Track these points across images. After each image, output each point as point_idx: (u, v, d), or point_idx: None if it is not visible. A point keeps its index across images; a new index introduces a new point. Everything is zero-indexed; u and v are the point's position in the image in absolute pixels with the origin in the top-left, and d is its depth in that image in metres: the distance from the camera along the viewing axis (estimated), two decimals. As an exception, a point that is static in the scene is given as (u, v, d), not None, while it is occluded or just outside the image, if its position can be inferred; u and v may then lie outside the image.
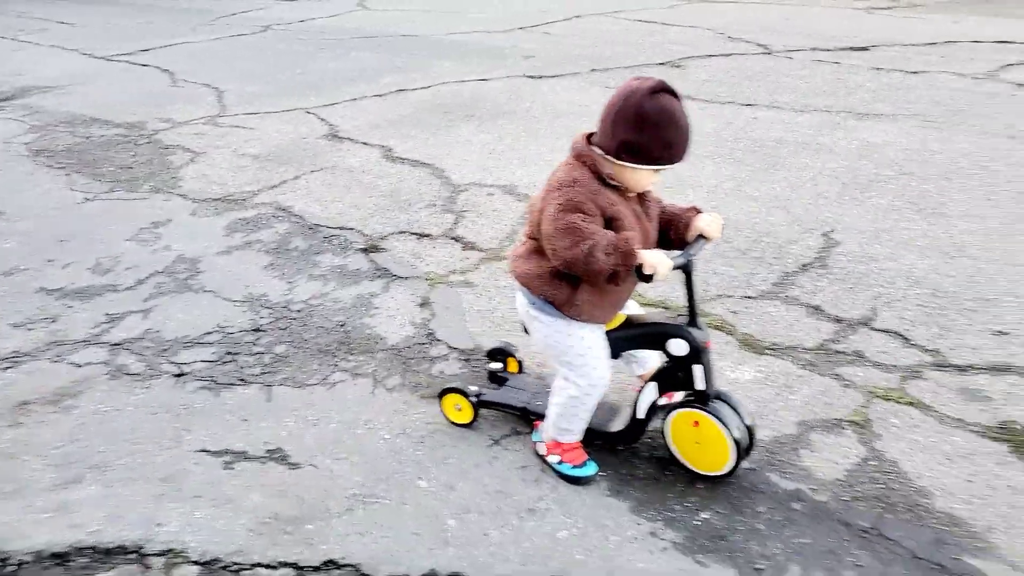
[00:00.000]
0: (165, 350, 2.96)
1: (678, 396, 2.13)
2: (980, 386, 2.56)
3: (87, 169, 5.01)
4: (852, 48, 7.54)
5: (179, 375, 2.80)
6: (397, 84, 6.87)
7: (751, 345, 2.84)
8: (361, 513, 2.13)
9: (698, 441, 2.11)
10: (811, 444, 2.34)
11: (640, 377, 2.39)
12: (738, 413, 2.09)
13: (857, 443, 2.34)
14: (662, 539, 2.02)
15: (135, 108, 6.43)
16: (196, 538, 2.05)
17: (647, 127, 1.82)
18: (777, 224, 3.77)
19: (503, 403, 2.41)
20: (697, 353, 2.03)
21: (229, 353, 2.93)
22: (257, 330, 3.08)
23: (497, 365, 2.60)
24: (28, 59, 8.75)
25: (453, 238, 3.81)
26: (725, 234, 3.61)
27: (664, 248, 2.08)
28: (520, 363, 2.63)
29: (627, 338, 2.15)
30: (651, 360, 2.37)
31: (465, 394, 2.39)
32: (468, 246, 3.72)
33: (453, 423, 2.45)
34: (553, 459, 2.23)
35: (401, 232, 3.90)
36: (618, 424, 2.26)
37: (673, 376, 2.10)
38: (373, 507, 2.15)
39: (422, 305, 3.23)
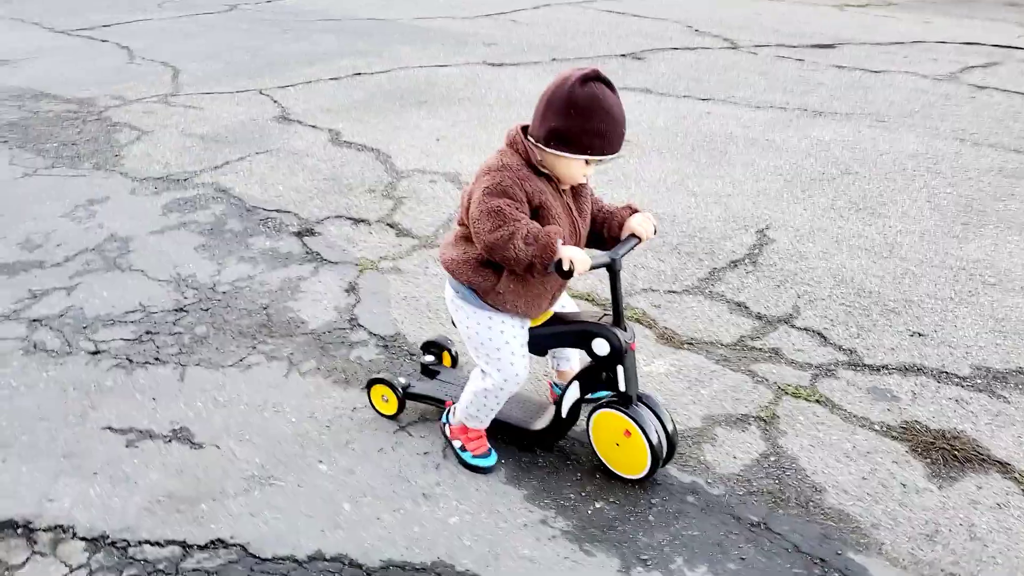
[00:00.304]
0: (85, 327, 2.92)
1: (601, 396, 2.12)
2: (889, 386, 2.59)
3: (30, 144, 4.92)
4: (818, 45, 7.60)
5: (95, 352, 2.76)
6: (355, 68, 6.82)
7: (669, 339, 2.86)
8: (257, 494, 2.12)
9: (617, 443, 2.09)
10: (714, 439, 2.36)
11: (561, 374, 2.41)
12: (659, 418, 2.06)
13: (760, 439, 2.36)
14: (552, 527, 2.03)
15: (88, 84, 6.31)
16: (87, 515, 2.03)
17: (577, 115, 1.79)
18: (714, 220, 3.80)
19: (430, 396, 2.38)
20: (620, 354, 1.99)
21: (148, 332, 2.90)
22: (180, 310, 3.05)
23: (430, 358, 2.56)
24: (-16, 31, 8.56)
25: (389, 224, 3.80)
26: (660, 229, 3.65)
27: (597, 246, 2.07)
28: (454, 357, 2.58)
29: (551, 335, 2.12)
30: (574, 358, 2.37)
31: (392, 386, 2.36)
32: (403, 233, 3.71)
33: (380, 413, 2.43)
34: (456, 443, 2.23)
35: (338, 216, 3.88)
36: (541, 422, 2.23)
37: (596, 376, 2.08)
38: (269, 489, 2.14)
39: (348, 290, 3.21)
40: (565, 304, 2.23)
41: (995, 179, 4.20)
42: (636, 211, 2.05)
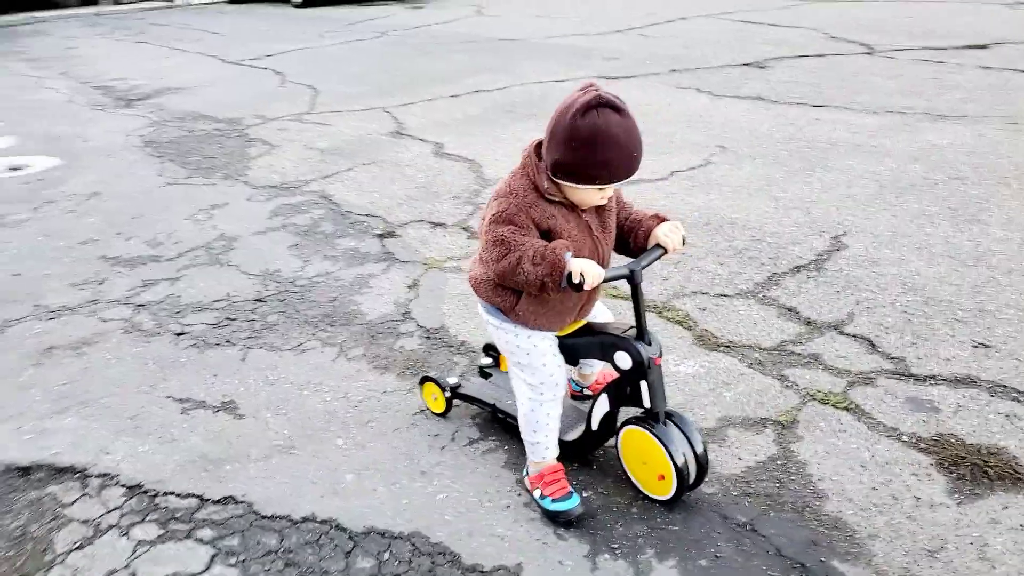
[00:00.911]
0: (177, 312, 3.31)
1: (633, 412, 2.04)
2: (932, 397, 2.41)
3: (179, 158, 5.59)
4: (970, 46, 7.06)
5: (179, 334, 3.13)
6: (477, 85, 7.12)
7: (705, 341, 2.80)
8: (274, 461, 2.33)
9: (645, 461, 2.02)
10: (724, 439, 2.30)
11: (583, 376, 2.43)
12: (689, 438, 1.96)
13: (772, 442, 2.28)
14: (533, 511, 2.08)
15: (241, 106, 7.07)
16: (132, 467, 2.33)
17: (580, 148, 1.72)
18: (789, 225, 3.65)
19: (476, 397, 2.39)
20: (643, 369, 1.92)
21: (228, 319, 3.24)
22: (259, 300, 3.38)
23: (488, 360, 2.56)
24: (173, 65, 9.76)
25: (463, 228, 3.98)
26: (727, 233, 3.59)
27: (626, 255, 2.01)
28: None
29: (578, 346, 2.07)
30: (596, 364, 2.36)
31: (440, 385, 2.42)
32: (474, 235, 3.87)
33: (430, 411, 2.50)
34: (536, 493, 2.09)
35: (419, 221, 4.11)
36: (574, 433, 2.18)
37: (622, 390, 2.01)
38: (287, 457, 2.35)
39: (410, 287, 3.41)
40: (598, 314, 2.17)
41: None
42: (664, 220, 1.96)
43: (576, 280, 1.74)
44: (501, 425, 2.40)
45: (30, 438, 2.51)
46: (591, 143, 1.71)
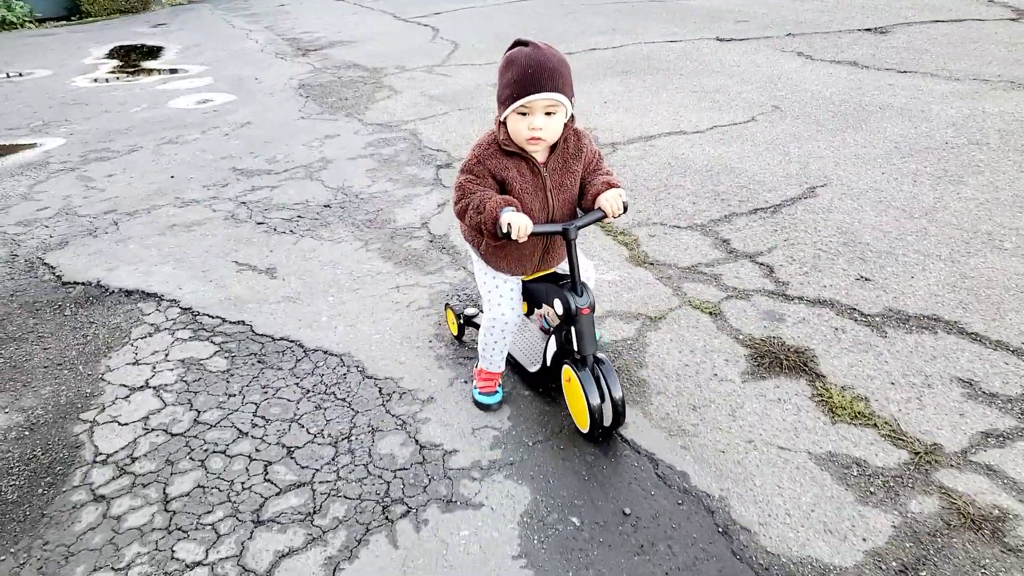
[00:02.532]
0: (266, 209, 4.35)
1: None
2: (787, 312, 2.83)
3: (320, 99, 6.74)
4: None
5: (260, 223, 4.16)
6: (594, 44, 7.67)
7: (636, 260, 3.35)
8: (281, 305, 3.25)
9: (574, 396, 2.23)
10: (601, 323, 2.89)
11: (549, 313, 2.77)
12: (607, 382, 2.12)
13: (635, 329, 2.83)
14: (432, 350, 2.83)
15: (389, 57, 8.14)
16: (191, 298, 3.35)
17: (499, 77, 2.00)
18: (779, 176, 4.00)
19: (478, 324, 2.66)
20: (571, 316, 2.11)
21: (298, 216, 4.23)
22: (326, 206, 4.33)
23: (474, 311, 2.79)
24: (354, 21, 11.12)
25: (505, 162, 4.69)
26: (718, 179, 4.03)
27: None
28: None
29: (535, 291, 2.31)
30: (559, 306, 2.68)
31: (455, 312, 2.82)
32: (510, 168, 4.57)
33: (450, 332, 2.92)
34: (473, 383, 2.53)
35: (475, 155, 4.87)
36: (535, 367, 2.46)
37: (561, 333, 2.24)
38: (290, 304, 3.26)
39: (439, 205, 4.20)
40: (588, 268, 2.33)
41: None
42: (613, 186, 2.12)
43: (505, 231, 1.96)
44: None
45: (139, 275, 3.63)
46: (503, 70, 1.98)
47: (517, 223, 1.96)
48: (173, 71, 8.84)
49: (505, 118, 2.02)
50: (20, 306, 3.43)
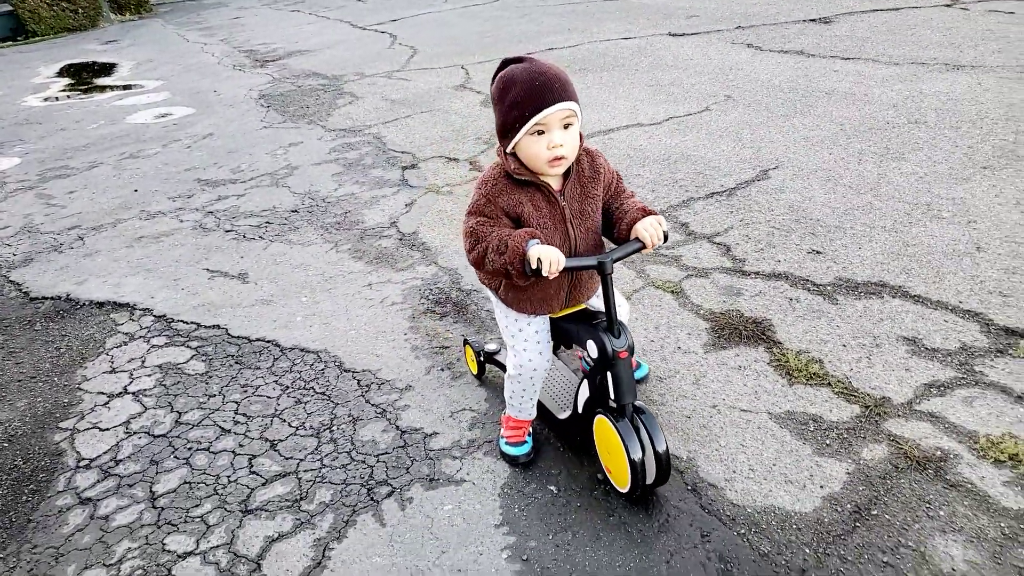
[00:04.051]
0: (233, 217, 4.40)
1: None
2: (744, 286, 2.96)
3: (281, 108, 6.78)
4: (1057, -1, 6.82)
5: (228, 231, 4.21)
6: (551, 44, 7.81)
7: (599, 244, 3.46)
8: (256, 308, 3.31)
9: (609, 451, 2.00)
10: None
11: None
12: (650, 435, 1.89)
13: (602, 311, 2.95)
14: (408, 343, 2.91)
15: (348, 65, 8.19)
16: (163, 306, 3.40)
17: (498, 103, 1.79)
18: (734, 161, 4.16)
19: (502, 363, 2.44)
20: (607, 360, 1.89)
21: (267, 222, 4.28)
22: (293, 211, 4.39)
23: (493, 347, 2.56)
24: (311, 31, 11.15)
25: (470, 162, 4.79)
26: (675, 167, 4.17)
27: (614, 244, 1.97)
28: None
29: (564, 330, 2.06)
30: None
31: (475, 350, 2.57)
32: (476, 168, 4.68)
33: (470, 371, 2.67)
34: (500, 431, 2.30)
35: (440, 157, 4.97)
36: (565, 413, 2.22)
37: (594, 378, 1.99)
38: (263, 307, 3.32)
39: (407, 205, 4.29)
40: (622, 304, 2.12)
41: (1074, 125, 3.88)
42: (650, 213, 1.90)
43: (535, 266, 1.74)
44: (439, 305, 3.23)
45: (109, 287, 3.65)
46: (502, 93, 1.77)
47: (548, 257, 1.73)
48: (128, 87, 8.80)
49: (514, 147, 1.80)
50: (-9, 323, 3.44)
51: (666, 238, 1.86)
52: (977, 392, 2.24)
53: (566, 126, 1.77)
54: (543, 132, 1.76)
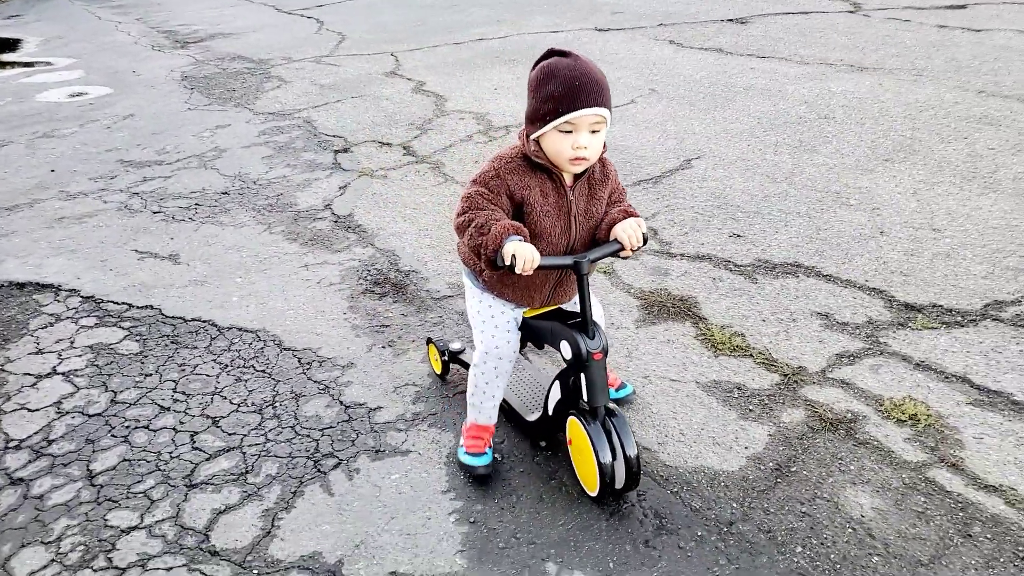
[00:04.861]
0: (161, 199, 4.30)
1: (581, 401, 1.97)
2: (671, 267, 3.12)
3: (206, 90, 6.62)
4: (950, 7, 7.30)
5: (156, 212, 4.12)
6: (481, 35, 7.87)
7: (533, 227, 3.57)
8: (188, 288, 3.27)
9: (580, 452, 1.98)
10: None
11: None
12: (620, 437, 1.87)
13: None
14: (348, 321, 2.95)
15: (274, 49, 8.05)
16: (91, 287, 3.31)
17: (534, 91, 1.80)
18: (659, 151, 4.33)
19: (466, 362, 2.42)
20: (581, 361, 1.87)
21: (196, 204, 4.21)
22: (224, 193, 4.33)
23: (458, 345, 2.52)
24: (233, 14, 10.85)
25: (403, 147, 4.82)
26: (617, 160, 4.28)
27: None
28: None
29: (537, 329, 2.05)
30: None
31: (439, 349, 2.52)
32: (408, 153, 4.71)
33: (433, 371, 2.61)
34: (460, 440, 2.22)
35: (373, 141, 4.97)
36: (534, 415, 2.19)
37: (567, 379, 1.98)
38: (198, 287, 3.29)
39: (341, 188, 4.29)
40: (596, 306, 2.08)
41: (961, 124, 4.22)
42: (631, 215, 1.91)
43: (508, 262, 1.73)
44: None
45: (30, 268, 3.54)
46: (541, 83, 1.78)
47: (523, 254, 1.73)
48: (35, 64, 8.39)
49: (539, 136, 1.82)
50: (-98, 305, 3.29)
51: (646, 240, 1.87)
52: (882, 361, 2.46)
53: (594, 131, 1.79)
54: (571, 131, 1.77)
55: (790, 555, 1.83)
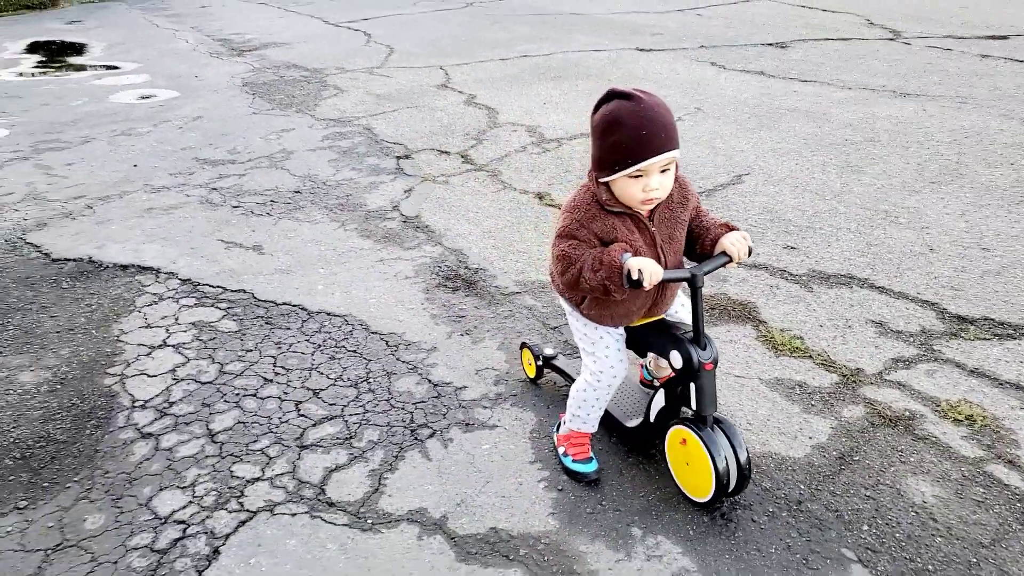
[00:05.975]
0: (238, 195, 4.57)
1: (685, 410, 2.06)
2: (729, 274, 3.33)
3: (267, 96, 6.93)
4: (992, 37, 7.50)
5: (235, 207, 4.39)
6: (526, 52, 8.14)
7: (595, 233, 3.79)
8: (276, 276, 3.52)
9: (688, 462, 2.03)
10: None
11: (657, 366, 2.41)
12: (732, 444, 1.97)
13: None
14: (427, 308, 3.18)
15: (327, 59, 8.36)
16: (187, 271, 3.57)
17: (598, 138, 1.84)
18: (709, 167, 4.55)
19: (563, 370, 2.52)
20: (692, 371, 1.93)
21: (272, 200, 4.47)
22: (296, 192, 4.59)
23: (551, 351, 2.62)
24: (283, 24, 11.22)
25: (461, 155, 5.07)
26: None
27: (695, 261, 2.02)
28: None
29: (644, 339, 2.12)
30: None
31: (534, 353, 2.59)
32: (466, 161, 4.96)
33: (526, 375, 2.70)
34: (560, 450, 2.27)
35: (431, 149, 5.23)
36: (635, 421, 2.26)
37: (675, 388, 2.04)
38: (284, 276, 3.53)
39: (406, 191, 4.54)
40: (679, 312, 2.17)
41: (1007, 151, 4.41)
42: (733, 229, 1.96)
43: (635, 277, 1.77)
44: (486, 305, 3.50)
45: (130, 251, 3.81)
46: (606, 131, 1.80)
47: (648, 269, 1.77)
48: (105, 67, 8.77)
49: (608, 181, 1.86)
50: (13, 281, 3.56)
51: (750, 252, 1.94)
52: (936, 366, 2.65)
53: (664, 170, 1.82)
54: (641, 175, 1.80)
55: (857, 532, 2.02)
